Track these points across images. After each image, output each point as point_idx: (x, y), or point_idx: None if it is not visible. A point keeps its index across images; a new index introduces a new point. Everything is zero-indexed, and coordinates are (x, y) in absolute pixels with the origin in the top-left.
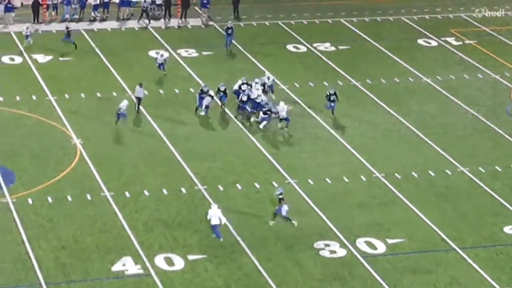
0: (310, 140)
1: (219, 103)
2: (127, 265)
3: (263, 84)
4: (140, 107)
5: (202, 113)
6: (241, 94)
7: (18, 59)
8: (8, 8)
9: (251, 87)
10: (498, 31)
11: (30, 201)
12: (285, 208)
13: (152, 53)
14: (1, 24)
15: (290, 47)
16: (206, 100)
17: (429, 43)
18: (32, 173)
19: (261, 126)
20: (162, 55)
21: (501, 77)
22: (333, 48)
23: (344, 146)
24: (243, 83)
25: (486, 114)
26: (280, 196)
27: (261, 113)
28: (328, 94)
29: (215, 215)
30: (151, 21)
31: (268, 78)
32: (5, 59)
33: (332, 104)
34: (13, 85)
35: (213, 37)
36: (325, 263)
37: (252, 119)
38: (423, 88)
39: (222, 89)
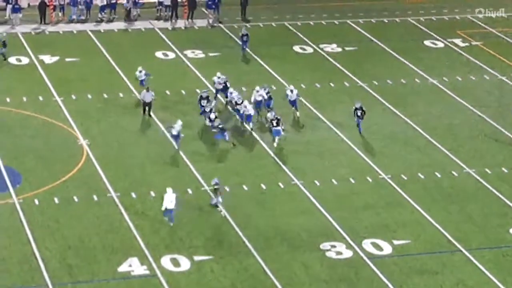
0: (316, 141)
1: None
2: (133, 266)
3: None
4: (151, 112)
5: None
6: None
7: (25, 60)
8: (15, 9)
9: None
10: (505, 32)
11: (36, 201)
12: (219, 200)
13: (159, 54)
14: (8, 25)
15: (296, 48)
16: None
17: (436, 44)
18: (39, 173)
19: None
20: (141, 71)
21: (507, 78)
22: (339, 49)
23: (350, 147)
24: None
25: (493, 115)
26: (216, 187)
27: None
28: (355, 108)
29: (171, 200)
30: (159, 22)
31: (292, 91)
32: (12, 59)
33: (359, 120)
34: (19, 85)
35: (219, 38)
36: (331, 264)
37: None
38: (429, 89)
39: (204, 96)
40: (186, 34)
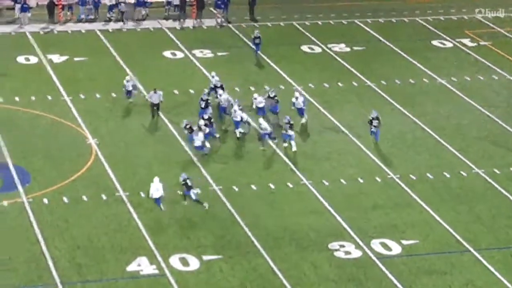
0: (325, 141)
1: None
2: (142, 265)
3: (273, 95)
4: (159, 113)
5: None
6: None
7: (33, 59)
8: (24, 8)
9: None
10: None
11: (45, 201)
12: (194, 192)
13: (167, 54)
14: (17, 24)
15: (304, 48)
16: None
17: (444, 44)
18: (48, 173)
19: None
20: (128, 81)
21: None
22: (348, 49)
23: (359, 147)
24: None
25: (501, 115)
26: (183, 183)
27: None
28: (371, 118)
29: (157, 188)
30: (167, 21)
31: (297, 98)
32: (21, 59)
33: (376, 129)
34: (28, 85)
35: (228, 37)
36: (340, 264)
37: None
38: (437, 89)
39: (204, 98)
40: (195, 33)
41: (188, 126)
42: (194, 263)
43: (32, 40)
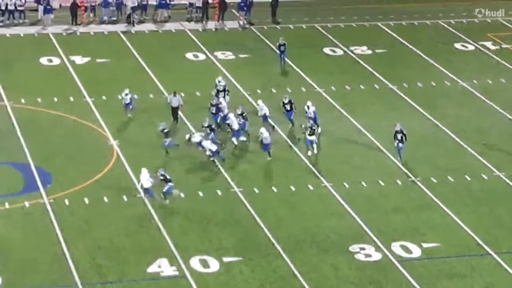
0: (346, 143)
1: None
2: (162, 267)
3: (288, 101)
4: (179, 115)
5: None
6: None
7: (56, 61)
8: (47, 10)
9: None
10: None
11: (67, 201)
12: (170, 185)
13: (189, 55)
14: (40, 25)
15: (327, 50)
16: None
17: (466, 47)
18: (69, 174)
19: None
20: (127, 94)
21: None
22: (370, 52)
23: (379, 150)
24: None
25: None
26: (162, 178)
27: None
28: (395, 132)
29: (147, 179)
30: (190, 23)
31: (308, 107)
32: (43, 60)
33: (400, 144)
34: (51, 86)
35: (250, 40)
36: (360, 266)
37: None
38: (459, 92)
39: (214, 103)
40: (217, 35)
41: (165, 131)
42: (214, 265)
43: (55, 41)
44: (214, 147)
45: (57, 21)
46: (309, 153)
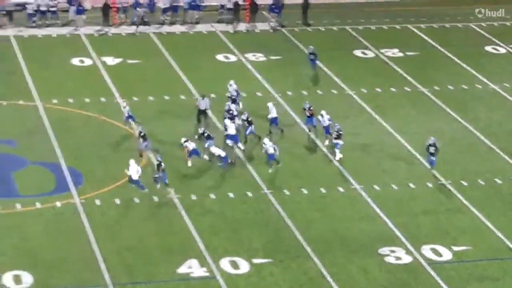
0: (376, 146)
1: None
2: (192, 268)
3: (308, 107)
4: (207, 117)
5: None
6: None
7: (87, 61)
8: (79, 11)
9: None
10: None
11: (97, 202)
12: (160, 175)
13: (220, 57)
14: (72, 26)
15: (357, 52)
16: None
17: (497, 50)
18: (100, 174)
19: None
20: (125, 107)
21: None
22: (401, 54)
23: (410, 152)
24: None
25: None
26: (158, 164)
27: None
28: (428, 145)
29: (138, 170)
30: (221, 25)
31: (322, 115)
32: (75, 61)
33: (432, 157)
34: (82, 87)
35: (281, 41)
36: (390, 269)
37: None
38: (490, 95)
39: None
40: (248, 37)
41: (142, 134)
42: (244, 266)
43: (86, 42)
44: (223, 153)
45: (89, 22)
46: (337, 157)
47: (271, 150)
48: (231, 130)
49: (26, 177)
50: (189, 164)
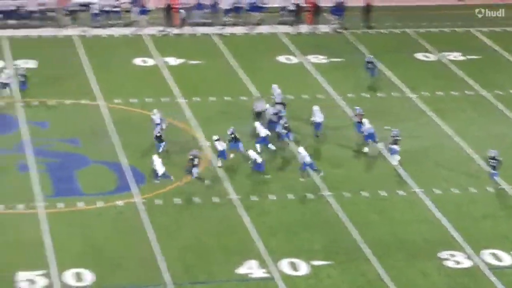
0: (436, 149)
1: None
2: (251, 268)
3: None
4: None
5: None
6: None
7: (150, 62)
8: (142, 11)
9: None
10: None
11: (158, 201)
12: (195, 171)
13: (281, 58)
14: (135, 26)
15: (419, 55)
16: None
17: None
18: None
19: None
20: (155, 114)
21: None
22: (462, 58)
23: (470, 156)
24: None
25: None
26: (191, 158)
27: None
28: (489, 157)
29: (162, 165)
30: (282, 26)
31: (363, 123)
32: (137, 61)
33: (493, 171)
34: (144, 87)
35: (343, 44)
36: (449, 273)
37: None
38: None
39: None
40: (309, 39)
41: (217, 138)
42: (303, 268)
43: (149, 42)
44: (259, 159)
45: (152, 23)
46: (394, 162)
47: (307, 159)
48: (262, 133)
49: (89, 175)
50: (219, 164)
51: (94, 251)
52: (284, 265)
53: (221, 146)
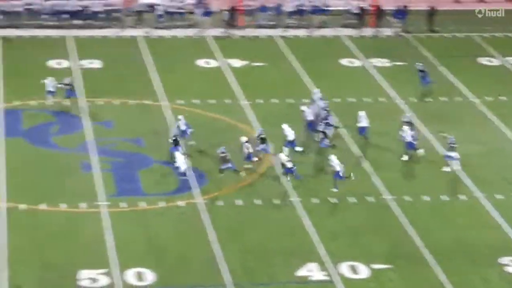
0: (499, 154)
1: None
2: (311, 271)
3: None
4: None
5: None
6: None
7: (213, 63)
8: (206, 13)
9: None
10: None
11: (219, 203)
12: (229, 166)
13: (344, 61)
14: (198, 28)
15: (482, 60)
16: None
17: None
18: (223, 175)
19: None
20: (180, 119)
21: None
22: None
23: None
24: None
25: None
26: (223, 155)
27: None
28: None
29: (183, 162)
30: (345, 29)
31: (404, 130)
32: (201, 62)
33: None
34: (207, 88)
35: (405, 47)
36: (510, 280)
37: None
38: None
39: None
40: (373, 42)
41: (262, 136)
42: (363, 272)
43: (212, 44)
44: (290, 164)
45: (215, 24)
46: (447, 168)
47: (337, 168)
48: (290, 136)
49: (151, 175)
50: (288, 178)
51: (155, 251)
52: (345, 268)
53: (248, 149)
